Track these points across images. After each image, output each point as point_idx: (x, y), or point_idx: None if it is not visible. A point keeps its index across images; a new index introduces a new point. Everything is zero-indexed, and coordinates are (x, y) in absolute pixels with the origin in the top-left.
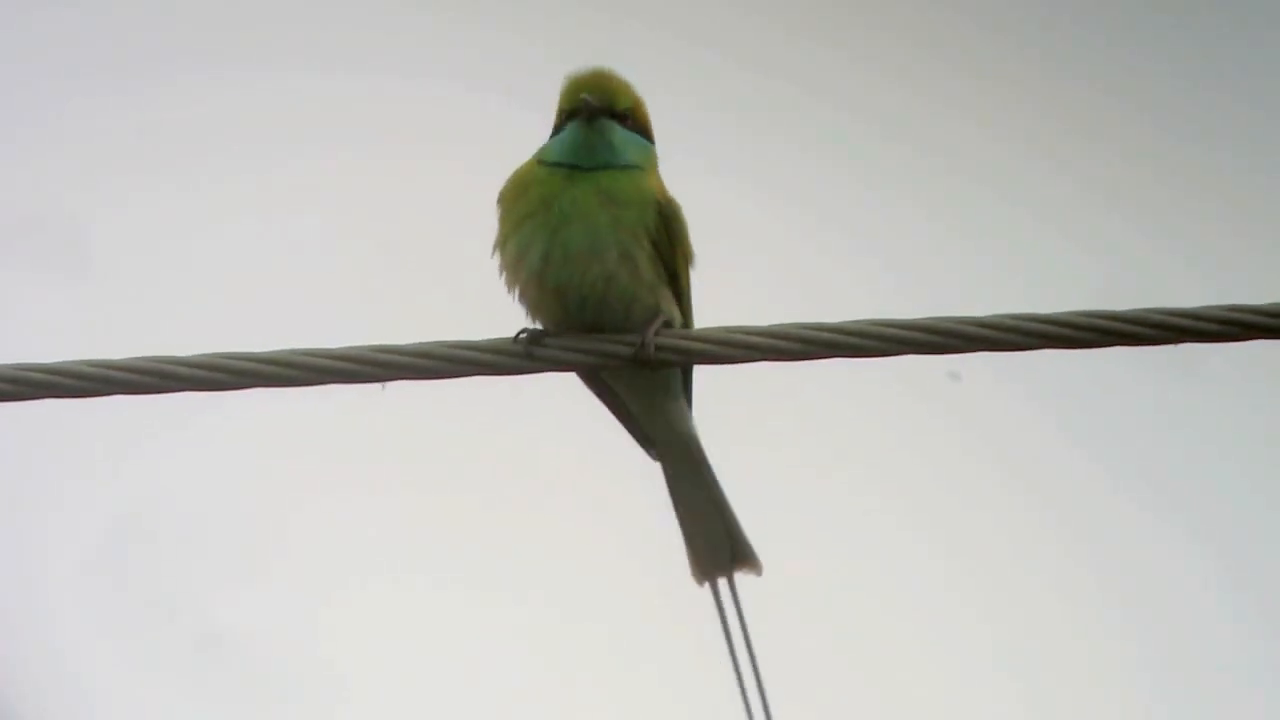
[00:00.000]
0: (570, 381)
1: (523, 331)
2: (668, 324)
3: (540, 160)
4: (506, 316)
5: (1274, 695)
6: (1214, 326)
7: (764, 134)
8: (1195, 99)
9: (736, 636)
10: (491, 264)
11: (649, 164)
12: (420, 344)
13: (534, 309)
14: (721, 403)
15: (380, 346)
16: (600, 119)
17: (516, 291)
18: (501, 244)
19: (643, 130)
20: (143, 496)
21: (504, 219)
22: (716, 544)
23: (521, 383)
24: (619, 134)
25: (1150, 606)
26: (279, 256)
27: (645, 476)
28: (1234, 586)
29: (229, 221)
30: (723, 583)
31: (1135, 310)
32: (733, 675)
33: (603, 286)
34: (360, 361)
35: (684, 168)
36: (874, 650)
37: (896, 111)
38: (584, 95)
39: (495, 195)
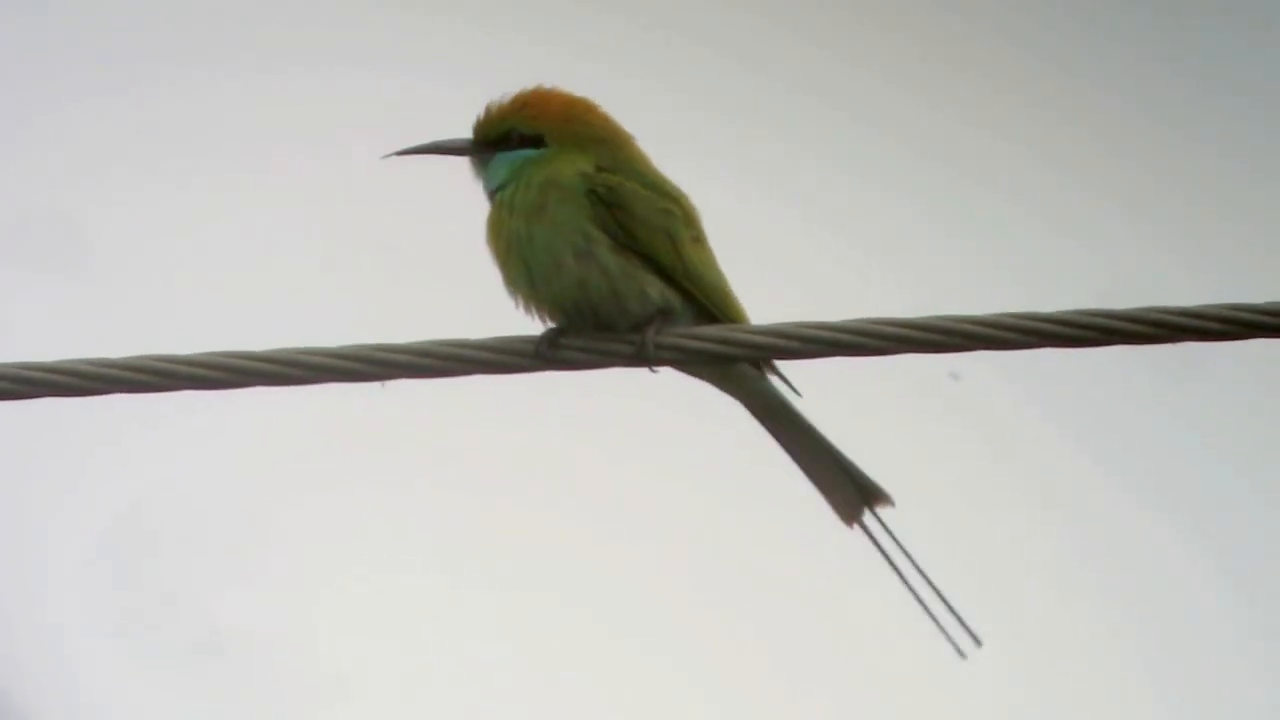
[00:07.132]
0: (581, 379)
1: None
2: (666, 315)
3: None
4: (506, 316)
5: (1274, 694)
6: (1215, 325)
7: (763, 134)
8: (1195, 99)
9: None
10: (490, 262)
11: (530, 166)
12: (420, 343)
13: (550, 319)
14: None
15: (380, 345)
16: (478, 154)
17: (531, 311)
18: (502, 281)
19: (531, 140)
20: (142, 495)
21: (493, 258)
22: (844, 487)
23: (534, 381)
24: (494, 162)
25: (1150, 605)
26: (279, 255)
27: (644, 477)
28: (1233, 585)
29: (229, 220)
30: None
31: (1136, 309)
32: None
33: (578, 291)
34: (360, 360)
35: (684, 168)
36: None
37: (896, 111)
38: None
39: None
